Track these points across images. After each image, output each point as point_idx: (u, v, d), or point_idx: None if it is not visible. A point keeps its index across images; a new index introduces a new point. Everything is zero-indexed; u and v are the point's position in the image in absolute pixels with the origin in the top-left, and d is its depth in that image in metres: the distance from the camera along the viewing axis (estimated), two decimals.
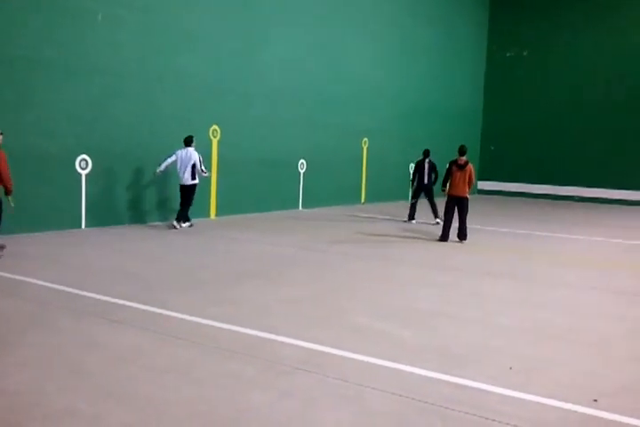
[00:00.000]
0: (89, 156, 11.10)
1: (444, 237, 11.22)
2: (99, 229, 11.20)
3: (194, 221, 12.22)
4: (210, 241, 10.51)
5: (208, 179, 13.44)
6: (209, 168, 13.30)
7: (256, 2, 14.30)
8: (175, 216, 11.78)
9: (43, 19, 10.23)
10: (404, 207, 17.79)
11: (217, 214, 13.77)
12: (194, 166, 11.56)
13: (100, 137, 11.29)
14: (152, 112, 12.15)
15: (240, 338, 5.23)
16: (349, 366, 4.67)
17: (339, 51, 17.07)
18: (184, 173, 11.55)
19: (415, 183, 14.32)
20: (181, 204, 11.76)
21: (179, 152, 11.59)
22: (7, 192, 8.32)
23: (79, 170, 11.02)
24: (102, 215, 11.47)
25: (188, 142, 11.67)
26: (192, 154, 11.58)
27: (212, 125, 13.49)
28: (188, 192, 11.70)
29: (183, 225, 11.76)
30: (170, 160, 11.56)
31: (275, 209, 15.28)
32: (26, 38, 10.05)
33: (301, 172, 16.31)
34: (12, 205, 8.41)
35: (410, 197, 14.31)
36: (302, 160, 16.28)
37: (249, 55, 14.22)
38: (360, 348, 5.05)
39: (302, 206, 16.37)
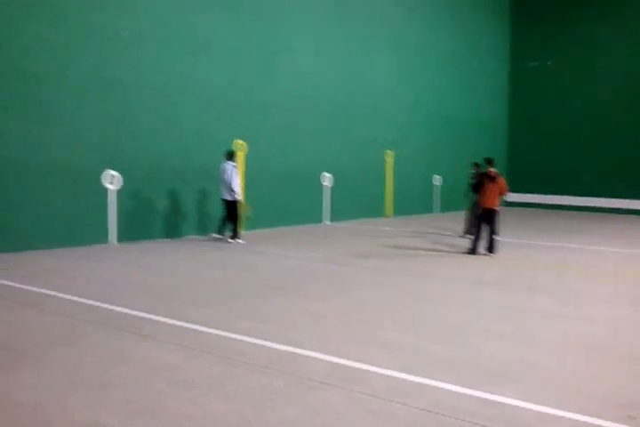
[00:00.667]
0: (117, 170, 11.22)
1: (473, 250, 11.08)
2: (128, 244, 11.28)
3: (224, 235, 12.26)
4: (237, 255, 10.51)
5: None
6: None
7: (278, 15, 14.43)
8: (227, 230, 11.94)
9: (68, 36, 10.44)
10: (429, 220, 17.70)
11: (244, 229, 13.76)
12: (230, 179, 11.53)
13: (126, 152, 11.41)
14: (176, 127, 12.26)
15: (268, 352, 5.18)
16: (378, 381, 4.59)
17: (361, 62, 17.11)
18: (221, 187, 11.60)
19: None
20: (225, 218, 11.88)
21: (220, 166, 11.67)
22: None
23: (107, 185, 11.13)
24: (132, 230, 11.56)
25: (226, 156, 11.70)
26: (226, 169, 11.57)
27: (236, 139, 13.55)
28: (225, 206, 11.74)
29: (234, 240, 11.80)
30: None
31: (300, 223, 15.26)
32: (51, 55, 10.24)
33: (326, 185, 16.28)
34: None
35: (470, 211, 13.26)
36: (327, 173, 16.25)
37: (271, 69, 14.31)
38: (389, 363, 4.96)
39: (328, 220, 16.32)
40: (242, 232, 12.20)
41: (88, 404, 4.02)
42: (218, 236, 11.99)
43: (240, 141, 13.50)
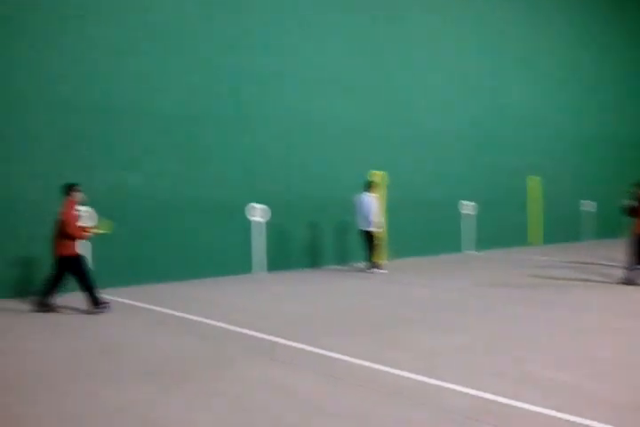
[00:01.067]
0: (263, 203, 11.75)
1: (631, 280, 10.31)
2: (274, 273, 11.72)
3: (365, 265, 12.39)
4: (379, 285, 10.55)
5: None
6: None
7: (412, 50, 14.55)
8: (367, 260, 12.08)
9: (219, 80, 11.16)
10: (576, 248, 16.73)
11: (387, 258, 13.83)
12: (368, 210, 11.69)
13: (272, 185, 11.93)
14: (320, 160, 12.63)
15: (409, 383, 5.13)
16: (525, 417, 4.38)
17: (498, 87, 16.76)
18: (358, 217, 11.79)
19: None
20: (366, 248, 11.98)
21: (359, 201, 11.89)
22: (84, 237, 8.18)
23: (251, 217, 11.68)
24: (278, 260, 12.02)
25: (364, 188, 11.91)
26: (364, 200, 11.73)
27: (377, 170, 13.71)
28: (363, 237, 11.84)
29: (373, 270, 11.89)
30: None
31: (444, 252, 15.06)
32: (200, 100, 10.99)
33: (469, 213, 15.96)
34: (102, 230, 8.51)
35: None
36: (469, 201, 15.95)
37: (407, 101, 14.45)
38: (535, 398, 4.72)
39: (472, 249, 15.95)
40: (383, 262, 12.23)
41: (232, 426, 4.21)
42: (363, 266, 12.10)
43: (380, 172, 13.66)
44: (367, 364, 5.67)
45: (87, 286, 7.87)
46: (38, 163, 9.21)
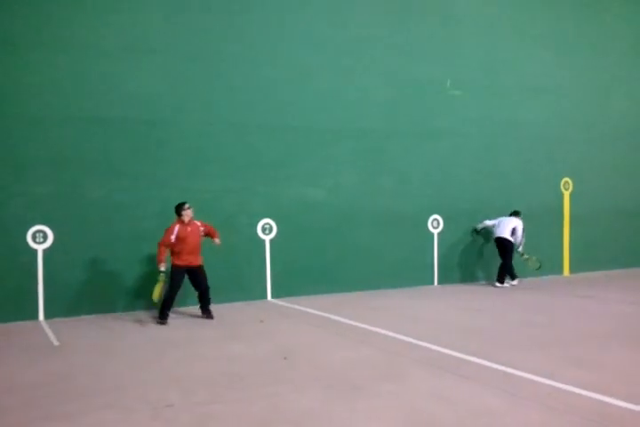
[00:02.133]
0: (439, 215, 11.71)
1: None
2: (448, 286, 11.60)
3: (546, 278, 11.83)
4: (559, 299, 10.03)
5: (559, 234, 13.00)
6: (559, 222, 12.92)
7: (604, 46, 13.65)
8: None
9: (394, 92, 11.30)
10: None
11: (571, 271, 13.09)
12: (514, 230, 11.56)
13: (448, 196, 11.83)
14: (496, 169, 12.30)
15: (597, 405, 4.84)
16: None
17: None
18: (501, 228, 11.63)
19: None
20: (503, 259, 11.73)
21: (501, 218, 11.81)
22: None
23: (431, 229, 11.67)
24: (451, 273, 11.89)
25: (513, 213, 11.82)
26: (514, 220, 11.66)
27: (562, 177, 13.08)
28: (501, 246, 11.60)
29: (504, 284, 11.57)
30: (489, 223, 11.88)
31: (638, 265, 13.88)
32: (380, 112, 11.19)
33: None
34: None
35: None
36: None
37: (597, 100, 13.54)
38: None
39: None
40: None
41: None
42: (510, 282, 11.69)
43: (567, 179, 13.03)
44: (548, 382, 5.44)
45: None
46: (231, 180, 9.94)
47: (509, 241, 11.51)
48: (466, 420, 4.59)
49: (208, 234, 8.68)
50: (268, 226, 10.17)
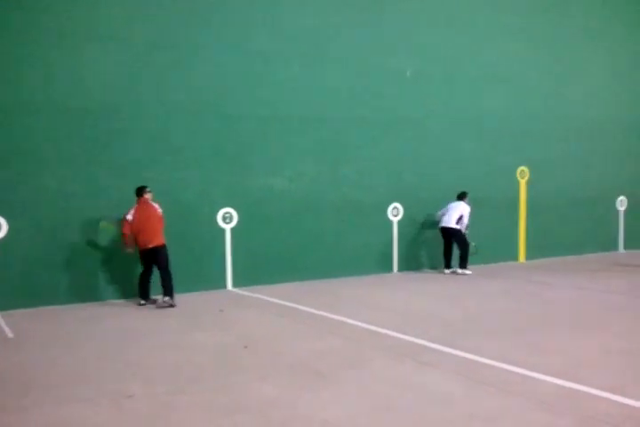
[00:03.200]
0: (400, 203, 11.82)
1: None
2: (406, 273, 11.75)
3: (502, 265, 12.07)
4: (516, 285, 10.25)
5: (515, 222, 13.26)
6: (515, 210, 13.18)
7: (562, 39, 13.87)
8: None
9: (355, 81, 11.32)
10: None
11: (526, 257, 13.38)
12: (461, 217, 11.60)
13: (408, 185, 11.93)
14: (455, 157, 12.43)
15: (550, 388, 4.98)
16: None
17: None
18: (447, 217, 11.66)
19: None
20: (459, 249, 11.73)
21: (450, 204, 11.78)
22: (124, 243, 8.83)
23: (391, 217, 11.78)
24: (410, 260, 12.02)
25: (460, 196, 11.83)
26: (461, 206, 11.67)
27: (519, 166, 13.31)
28: (447, 235, 11.70)
29: (458, 271, 11.66)
30: (440, 213, 11.84)
31: (590, 251, 14.26)
32: (341, 102, 11.19)
33: (621, 209, 15.02)
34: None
35: None
36: (622, 197, 15.01)
37: (556, 91, 13.78)
38: None
39: (623, 248, 15.00)
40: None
41: (372, 424, 4.31)
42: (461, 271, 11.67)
43: (523, 168, 13.28)
44: (506, 366, 5.58)
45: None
46: (191, 169, 9.83)
47: (456, 229, 11.60)
48: (426, 405, 4.67)
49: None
50: (228, 215, 10.12)
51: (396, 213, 11.81)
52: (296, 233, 10.75)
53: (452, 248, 11.79)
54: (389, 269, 11.77)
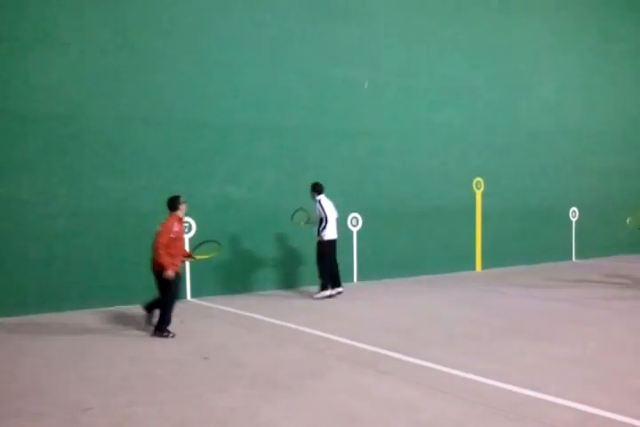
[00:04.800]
0: (359, 213, 11.89)
1: None
2: (368, 282, 11.79)
3: (460, 274, 12.27)
4: (474, 295, 10.40)
5: (472, 232, 13.48)
6: (472, 220, 13.44)
7: (514, 51, 14.25)
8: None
9: (313, 92, 11.38)
10: None
11: (483, 267, 13.60)
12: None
13: (366, 195, 12.02)
14: (412, 168, 12.58)
15: (508, 396, 5.07)
16: None
17: (602, 87, 16.08)
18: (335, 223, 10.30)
19: None
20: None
21: (324, 199, 10.21)
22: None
23: (350, 227, 11.83)
24: (372, 270, 12.08)
25: (318, 191, 10.21)
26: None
27: (474, 177, 13.56)
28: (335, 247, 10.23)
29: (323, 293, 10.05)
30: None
31: (545, 261, 14.61)
32: (297, 110, 11.23)
33: (573, 220, 15.42)
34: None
35: None
36: (574, 208, 15.42)
37: (507, 104, 14.13)
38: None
39: (575, 257, 15.39)
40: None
41: None
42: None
43: (478, 179, 13.53)
44: (463, 374, 5.65)
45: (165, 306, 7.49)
46: (147, 177, 9.71)
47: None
48: (386, 414, 4.69)
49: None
50: (186, 224, 10.00)
51: (355, 222, 11.88)
52: (254, 243, 10.70)
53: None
54: (349, 278, 11.80)
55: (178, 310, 8.99)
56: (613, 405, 4.77)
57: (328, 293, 9.98)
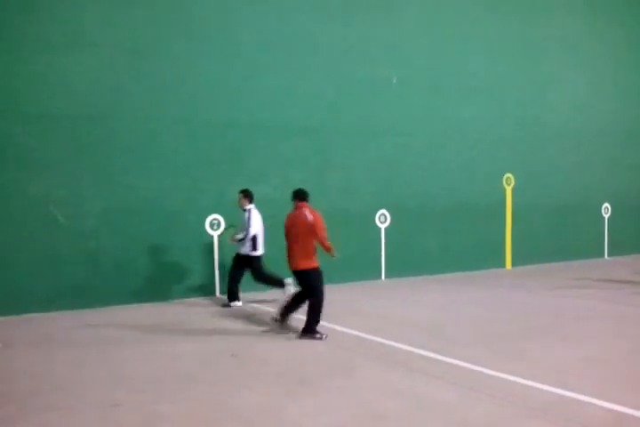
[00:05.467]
0: (387, 210, 11.83)
1: None
2: (396, 279, 11.72)
3: (489, 272, 12.12)
4: (503, 292, 10.27)
5: (501, 228, 13.31)
6: (502, 217, 13.27)
7: (541, 49, 14.03)
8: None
9: (338, 90, 11.34)
10: None
11: (513, 265, 13.43)
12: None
13: (395, 193, 11.95)
14: (441, 166, 12.49)
15: (539, 395, 4.98)
16: None
17: (634, 82, 15.75)
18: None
19: None
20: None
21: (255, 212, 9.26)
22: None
23: (378, 224, 11.78)
24: (399, 267, 12.00)
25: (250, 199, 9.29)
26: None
27: (504, 174, 13.39)
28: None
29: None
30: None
31: (576, 258, 14.37)
32: (324, 108, 11.19)
33: (606, 217, 15.15)
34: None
35: None
36: (606, 204, 15.15)
37: (537, 100, 13.92)
38: None
39: (608, 254, 15.11)
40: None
41: None
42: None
43: (508, 175, 13.37)
44: (494, 373, 5.57)
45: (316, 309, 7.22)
46: (176, 176, 9.78)
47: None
48: (416, 413, 4.64)
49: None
50: (215, 222, 10.06)
51: (383, 219, 11.82)
52: (283, 241, 10.69)
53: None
54: (378, 275, 11.76)
55: (205, 306, 9.04)
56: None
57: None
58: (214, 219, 10.03)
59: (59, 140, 8.89)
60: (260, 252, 9.19)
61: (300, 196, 7.54)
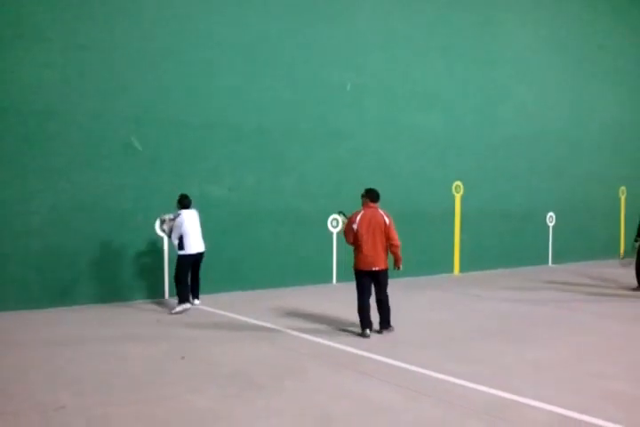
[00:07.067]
0: (339, 215, 11.88)
1: None
2: (347, 284, 11.76)
3: (438, 277, 12.29)
4: (452, 298, 10.46)
5: (450, 235, 13.54)
6: (451, 224, 13.49)
7: (495, 56, 14.37)
8: None
9: (294, 92, 11.36)
10: None
11: (460, 270, 13.69)
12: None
13: (347, 197, 11.98)
14: (392, 171, 12.62)
15: (486, 398, 5.09)
16: None
17: (581, 94, 16.28)
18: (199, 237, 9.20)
19: None
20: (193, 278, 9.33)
21: (185, 215, 8.96)
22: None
23: (330, 228, 11.84)
24: (350, 271, 12.02)
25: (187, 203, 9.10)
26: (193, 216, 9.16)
27: (454, 181, 13.64)
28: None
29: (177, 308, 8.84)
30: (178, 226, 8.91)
31: (521, 265, 14.73)
32: (279, 111, 11.20)
33: (550, 225, 15.59)
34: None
35: None
36: (551, 213, 15.59)
37: (487, 109, 14.24)
38: (616, 416, 4.61)
39: (552, 262, 15.55)
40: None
41: None
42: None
43: (458, 182, 13.61)
44: (442, 376, 5.66)
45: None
46: (127, 175, 9.63)
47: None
48: (364, 415, 4.69)
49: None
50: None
51: (335, 224, 11.89)
52: (235, 243, 10.66)
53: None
54: (329, 279, 11.81)
55: (154, 308, 8.93)
56: (587, 407, 4.82)
57: (188, 306, 8.92)
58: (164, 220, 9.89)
59: (6, 136, 8.66)
60: (187, 251, 8.92)
61: (373, 196, 7.72)
